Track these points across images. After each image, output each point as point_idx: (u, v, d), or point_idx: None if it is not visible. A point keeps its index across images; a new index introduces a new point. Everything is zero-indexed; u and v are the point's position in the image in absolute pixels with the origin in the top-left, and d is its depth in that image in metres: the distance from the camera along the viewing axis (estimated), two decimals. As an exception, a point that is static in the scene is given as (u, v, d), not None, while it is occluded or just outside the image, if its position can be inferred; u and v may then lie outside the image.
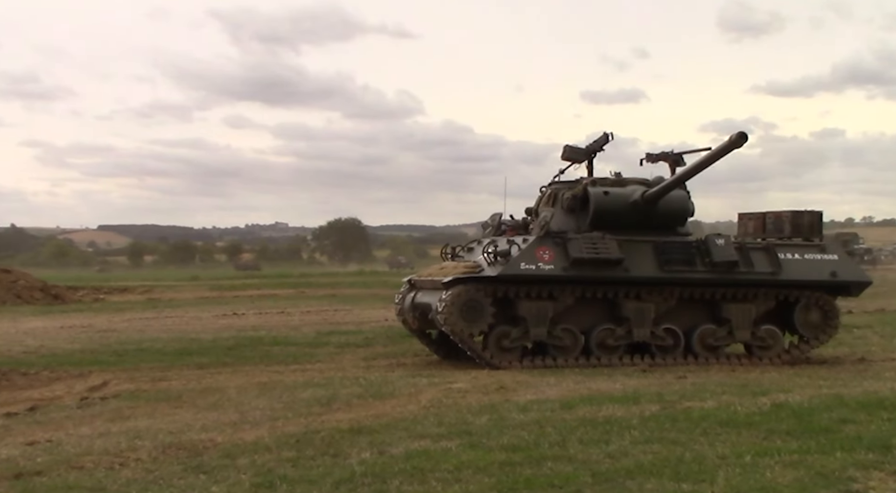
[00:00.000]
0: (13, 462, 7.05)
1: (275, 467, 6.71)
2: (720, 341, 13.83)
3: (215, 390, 11.12)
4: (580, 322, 13.40)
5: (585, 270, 13.03)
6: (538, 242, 13.05)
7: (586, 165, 14.66)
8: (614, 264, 13.09)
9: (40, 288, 35.35)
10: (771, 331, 14.04)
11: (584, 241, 13.06)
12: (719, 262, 13.40)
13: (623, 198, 13.62)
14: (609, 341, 13.37)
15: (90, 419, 9.40)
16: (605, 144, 14.45)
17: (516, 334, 13.14)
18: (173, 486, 6.17)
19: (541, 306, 13.09)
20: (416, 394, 10.50)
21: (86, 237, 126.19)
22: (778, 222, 14.42)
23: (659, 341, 13.53)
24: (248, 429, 8.38)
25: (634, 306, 13.39)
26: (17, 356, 15.26)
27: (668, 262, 13.33)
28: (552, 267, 12.91)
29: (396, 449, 7.22)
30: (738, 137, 12.32)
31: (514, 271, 12.82)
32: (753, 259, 13.69)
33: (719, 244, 13.48)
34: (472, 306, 12.86)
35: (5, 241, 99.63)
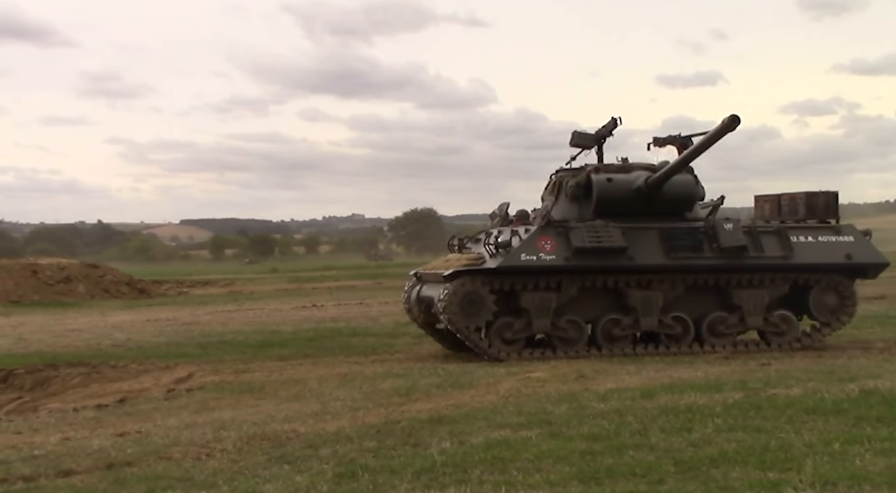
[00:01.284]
0: (105, 453, 7.25)
1: (356, 457, 6.77)
2: (731, 328, 13.49)
3: (297, 382, 11.28)
4: (585, 313, 13.14)
5: (588, 259, 12.73)
6: (539, 232, 12.78)
7: (596, 151, 14.25)
8: (618, 253, 12.78)
9: (126, 282, 36.33)
10: (785, 317, 13.67)
11: (586, 229, 12.76)
12: (727, 247, 13.03)
13: (627, 184, 13.26)
14: (615, 332, 13.10)
15: (177, 410, 9.64)
16: (613, 129, 14.10)
17: (519, 326, 12.90)
18: (258, 476, 6.28)
19: (543, 297, 12.82)
20: (495, 384, 10.49)
21: (168, 232, 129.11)
22: (793, 204, 14.02)
23: (668, 330, 13.23)
24: (330, 420, 8.48)
25: (641, 295, 13.09)
26: (106, 350, 15.70)
27: (675, 248, 13.00)
28: (554, 257, 12.63)
29: (476, 439, 7.22)
30: (731, 120, 12.05)
31: (514, 262, 12.56)
32: (764, 243, 13.30)
33: (727, 229, 13.10)
34: (472, 299, 12.61)
35: (93, 237, 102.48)
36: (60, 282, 33.53)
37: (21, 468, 6.77)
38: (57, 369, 13.76)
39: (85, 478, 6.42)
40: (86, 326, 20.83)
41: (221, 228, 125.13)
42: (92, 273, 35.66)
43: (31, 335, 18.56)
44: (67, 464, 6.84)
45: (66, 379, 13.30)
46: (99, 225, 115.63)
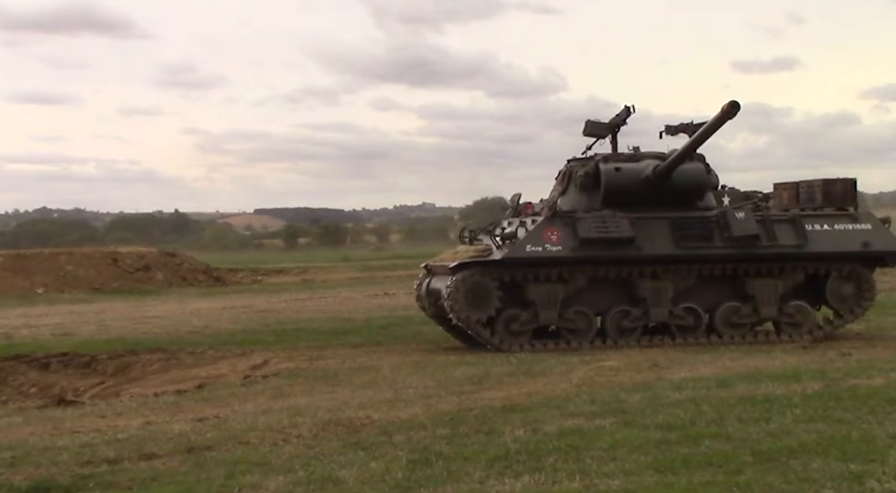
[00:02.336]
0: (185, 437, 7.42)
1: (430, 444, 6.81)
2: (744, 318, 13.16)
3: (370, 369, 11.39)
4: (594, 304, 12.93)
5: (595, 250, 12.53)
6: (546, 222, 12.59)
7: (610, 140, 13.97)
8: (626, 243, 12.56)
9: (203, 270, 37.06)
10: (800, 307, 13.30)
11: (593, 220, 12.55)
12: (739, 236, 12.71)
13: (635, 174, 12.98)
14: (625, 323, 12.89)
15: (253, 396, 9.81)
16: (627, 118, 13.80)
17: (525, 318, 12.72)
18: (334, 461, 6.35)
19: (550, 289, 12.64)
20: (568, 372, 10.46)
21: (243, 221, 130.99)
22: (810, 192, 13.64)
23: (679, 321, 12.96)
24: (403, 407, 8.54)
25: (650, 286, 12.84)
26: (184, 336, 16.05)
27: (685, 238, 12.73)
28: (560, 248, 12.45)
29: (549, 427, 7.21)
30: (730, 106, 11.80)
31: (518, 254, 12.41)
32: (777, 232, 12.96)
33: (739, 218, 12.78)
34: (477, 292, 12.46)
35: (170, 225, 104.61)
36: (140, 270, 34.34)
37: (105, 450, 6.96)
38: (138, 355, 14.11)
39: (166, 461, 6.58)
40: (164, 313, 21.33)
41: (294, 217, 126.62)
42: (170, 261, 36.44)
43: (113, 322, 19.06)
44: (149, 448, 7.01)
45: (146, 365, 13.63)
46: (176, 214, 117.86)
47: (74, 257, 34.25)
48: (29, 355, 14.45)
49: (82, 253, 35.27)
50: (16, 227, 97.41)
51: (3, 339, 16.45)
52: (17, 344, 15.58)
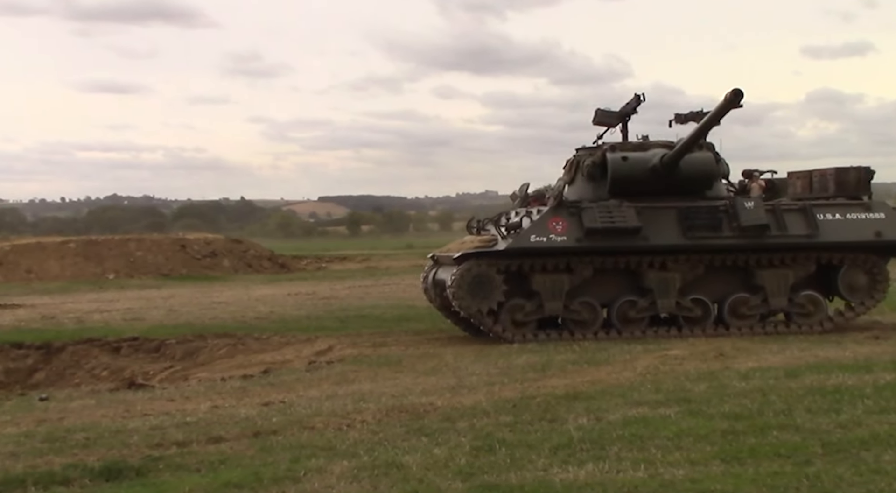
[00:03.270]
0: (251, 422, 7.53)
1: (493, 431, 6.82)
2: (754, 310, 12.90)
3: (433, 356, 11.43)
4: (600, 295, 12.75)
5: (601, 240, 12.34)
6: (551, 212, 12.41)
7: (620, 129, 13.76)
8: (632, 233, 12.35)
9: (268, 257, 37.49)
10: (811, 297, 13.04)
11: (599, 210, 12.36)
12: (748, 226, 12.48)
13: (642, 163, 12.78)
14: (631, 314, 12.68)
15: (318, 382, 9.91)
16: (637, 107, 13.57)
17: (530, 308, 12.55)
18: (397, 447, 6.40)
19: (555, 279, 12.46)
20: (632, 361, 10.38)
21: (307, 209, 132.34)
22: (823, 181, 13.36)
23: (686, 312, 12.74)
24: (466, 393, 8.56)
25: (657, 277, 12.63)
26: (250, 322, 16.27)
27: (692, 228, 12.49)
28: (565, 239, 12.28)
29: (613, 416, 7.17)
30: (733, 94, 11.63)
31: (522, 244, 12.26)
32: (787, 222, 12.69)
33: (748, 207, 12.56)
34: (481, 282, 12.31)
35: (235, 213, 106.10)
36: (207, 256, 34.87)
37: (174, 433, 7.10)
38: (205, 340, 14.35)
39: (234, 445, 6.68)
40: (231, 299, 21.64)
41: (358, 204, 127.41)
42: (236, 248, 36.94)
43: (181, 308, 19.39)
44: (217, 431, 7.13)
45: (213, 350, 13.86)
46: (241, 201, 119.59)
47: (144, 243, 34.91)
48: (101, 340, 14.78)
49: (151, 240, 35.95)
50: (87, 214, 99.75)
51: (75, 323, 16.86)
52: (89, 328, 15.95)
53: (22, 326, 16.64)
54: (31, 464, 6.21)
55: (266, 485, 5.54)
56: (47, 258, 32.40)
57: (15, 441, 7.01)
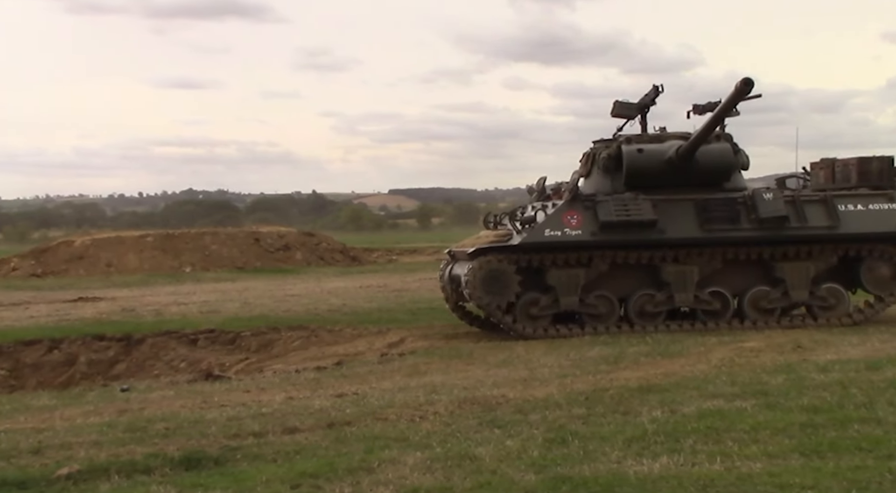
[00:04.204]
0: (325, 413, 7.62)
1: (566, 423, 6.80)
2: (774, 303, 12.58)
3: (504, 348, 11.43)
4: (617, 289, 12.52)
5: (616, 233, 12.15)
6: (566, 206, 12.22)
7: (639, 121, 13.47)
8: (648, 226, 12.13)
9: (340, 250, 37.82)
10: (833, 290, 12.69)
11: (614, 203, 12.15)
12: (766, 218, 12.18)
13: (658, 155, 12.52)
14: (648, 308, 12.44)
15: (390, 373, 9.99)
16: (656, 98, 13.27)
17: (545, 303, 12.37)
18: (470, 439, 6.42)
19: (571, 273, 12.28)
20: (706, 353, 10.24)
21: (378, 201, 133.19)
22: (845, 171, 12.96)
23: (704, 306, 12.48)
24: (538, 386, 8.54)
25: (674, 270, 12.40)
26: (323, 314, 16.45)
27: (710, 220, 12.23)
28: (579, 232, 12.10)
29: (688, 408, 7.09)
30: (743, 84, 11.39)
31: (537, 238, 12.10)
32: (807, 213, 12.36)
33: (766, 199, 12.25)
34: (495, 277, 12.14)
35: (307, 206, 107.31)
36: (280, 249, 35.32)
37: (251, 424, 7.23)
38: (279, 333, 14.57)
39: (308, 436, 6.78)
40: (303, 291, 21.89)
41: (428, 197, 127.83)
42: (308, 241, 37.33)
43: (255, 300, 19.69)
44: (292, 422, 7.24)
45: (287, 342, 14.07)
46: (313, 195, 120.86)
47: (219, 236, 35.49)
48: (178, 332, 15.10)
49: (226, 233, 36.53)
50: (164, 208, 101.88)
51: (154, 316, 17.24)
52: (167, 321, 16.30)
53: (103, 318, 17.08)
54: (113, 453, 6.38)
55: (341, 475, 5.60)
56: (126, 252, 33.17)
57: (98, 430, 7.22)
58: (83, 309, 18.90)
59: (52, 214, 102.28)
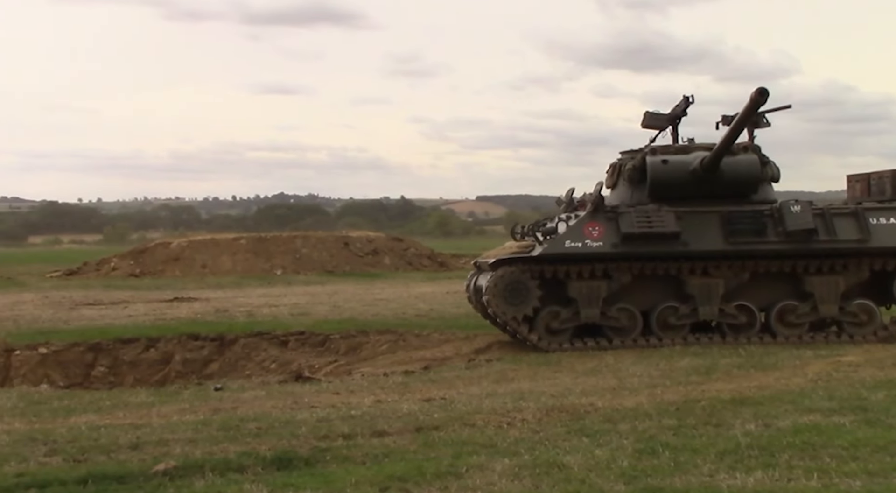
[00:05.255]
0: (413, 417, 7.66)
1: (656, 434, 6.71)
2: (802, 318, 12.14)
3: (592, 356, 11.34)
4: (639, 301, 12.23)
5: (637, 246, 11.87)
6: (588, 217, 11.98)
7: (671, 133, 13.20)
8: (670, 238, 11.84)
9: (427, 256, 38.03)
10: (864, 305, 12.24)
11: (636, 214, 11.89)
12: (794, 231, 11.79)
13: (683, 166, 12.25)
14: (671, 321, 12.10)
15: (477, 379, 9.99)
16: (686, 108, 12.99)
17: (566, 316, 12.11)
18: (558, 447, 6.38)
19: (592, 285, 12.03)
20: (802, 366, 10.00)
21: (465, 208, 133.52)
22: (880, 183, 12.53)
23: (730, 320, 12.10)
24: (627, 395, 8.45)
25: (699, 283, 12.08)
26: (410, 319, 16.55)
27: (735, 233, 11.89)
28: (600, 244, 11.84)
29: (783, 422, 6.93)
30: (758, 94, 11.08)
31: (557, 249, 11.88)
32: (837, 226, 11.94)
33: (794, 211, 11.87)
34: (515, 288, 11.96)
35: (396, 211, 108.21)
36: (369, 254, 35.70)
37: (340, 426, 7.31)
38: (367, 336, 14.71)
39: (397, 439, 6.82)
40: (392, 296, 22.07)
41: (516, 204, 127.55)
42: (397, 246, 37.65)
43: (344, 303, 19.93)
44: (381, 425, 7.30)
45: (375, 345, 14.20)
46: (402, 200, 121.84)
47: (309, 240, 36.05)
48: (269, 333, 15.38)
49: (316, 237, 37.07)
50: (256, 211, 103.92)
51: (246, 317, 17.59)
52: (258, 322, 16.62)
53: (198, 318, 17.50)
54: (208, 451, 6.53)
55: (429, 480, 5.63)
56: (220, 254, 33.96)
57: (193, 428, 7.39)
58: (179, 309, 19.41)
59: (150, 216, 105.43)
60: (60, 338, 15.16)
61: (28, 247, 76.88)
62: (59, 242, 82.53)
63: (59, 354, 14.60)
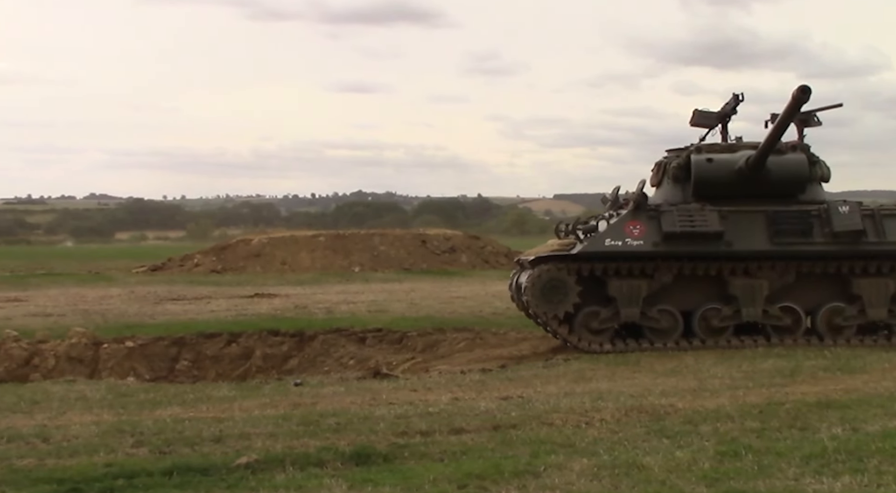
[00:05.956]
0: (490, 415, 7.66)
1: (738, 436, 6.60)
2: (850, 320, 11.74)
3: (672, 357, 11.19)
4: (681, 302, 11.92)
5: (679, 245, 11.57)
6: (629, 216, 11.70)
7: (720, 131, 12.87)
8: (713, 238, 11.54)
9: (504, 254, 37.90)
10: None
11: (678, 213, 11.58)
12: (841, 232, 11.41)
13: (728, 165, 11.94)
14: (714, 322, 11.77)
15: (555, 378, 9.95)
16: (736, 106, 12.67)
17: (605, 315, 11.82)
18: (637, 448, 6.31)
19: (632, 284, 11.74)
20: (891, 370, 9.74)
21: (542, 206, 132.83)
22: None
23: (774, 321, 11.74)
24: (708, 397, 8.31)
25: (742, 284, 11.76)
26: (487, 317, 16.55)
27: (780, 233, 11.53)
28: (641, 243, 11.54)
29: (871, 427, 6.75)
30: (800, 92, 10.79)
31: (596, 248, 11.62)
32: (886, 227, 11.53)
33: (842, 212, 11.55)
34: (553, 286, 11.73)
35: (472, 209, 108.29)
36: (446, 252, 35.78)
37: (418, 423, 7.35)
38: (444, 334, 14.76)
39: (474, 437, 6.83)
40: (468, 294, 22.06)
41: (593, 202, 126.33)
42: (474, 244, 37.66)
43: (421, 301, 20.01)
44: (458, 422, 7.31)
45: (452, 343, 14.23)
46: (479, 198, 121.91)
47: (387, 238, 36.30)
48: (348, 330, 15.54)
49: (394, 235, 37.30)
50: (335, 209, 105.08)
51: (325, 313, 17.80)
52: (337, 319, 16.79)
53: (278, 314, 17.76)
54: (288, 445, 6.63)
55: (507, 478, 5.62)
56: (300, 251, 34.39)
57: (274, 422, 7.51)
58: (259, 305, 19.72)
59: (232, 213, 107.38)
60: (146, 332, 15.56)
61: (115, 243, 79.16)
62: (144, 238, 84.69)
63: (145, 347, 14.99)
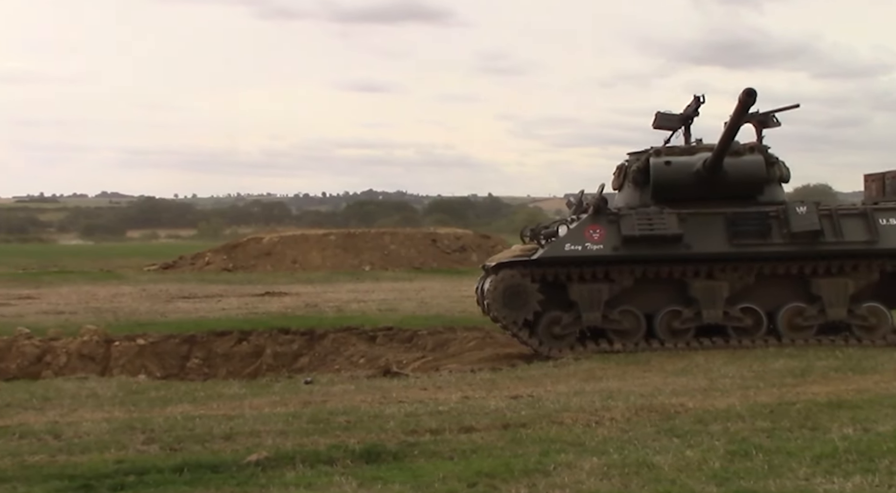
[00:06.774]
0: (500, 413, 7.67)
1: (749, 436, 6.58)
2: (810, 320, 11.71)
3: (682, 356, 11.18)
4: (642, 304, 11.90)
5: (639, 248, 11.55)
6: (589, 220, 11.68)
7: (683, 133, 12.85)
8: (672, 241, 11.51)
9: (515, 253, 37.95)
10: (874, 309, 11.82)
11: (638, 217, 11.56)
12: (799, 232, 11.37)
13: (686, 168, 11.95)
14: (675, 324, 11.74)
15: (565, 377, 9.95)
16: (698, 108, 12.64)
17: (568, 320, 11.78)
18: (648, 447, 6.31)
19: (593, 289, 11.71)
20: (903, 369, 9.68)
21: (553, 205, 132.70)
22: (894, 183, 12.08)
23: (735, 323, 11.71)
24: (719, 396, 8.30)
25: (703, 286, 11.75)
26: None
27: (739, 234, 11.49)
28: (601, 247, 11.53)
29: (883, 427, 6.72)
30: (745, 95, 10.90)
31: (556, 253, 11.59)
32: (844, 227, 11.53)
33: (799, 212, 11.52)
34: (515, 292, 11.68)
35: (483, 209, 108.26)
36: (456, 251, 35.82)
37: (428, 421, 7.36)
38: (455, 332, 14.75)
39: (484, 435, 6.84)
40: (479, 293, 22.04)
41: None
42: (484, 243, 37.66)
43: (432, 300, 20.03)
44: (468, 421, 7.32)
45: (462, 342, 14.22)
46: (489, 198, 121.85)
47: (397, 236, 36.37)
48: (358, 328, 15.55)
49: (404, 233, 37.38)
50: (345, 208, 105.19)
51: (335, 312, 17.83)
52: (347, 317, 16.82)
53: (288, 312, 17.81)
54: (298, 442, 6.65)
55: (517, 476, 5.62)
56: (310, 249, 34.49)
57: (284, 420, 7.53)
58: (270, 303, 19.77)
59: (243, 211, 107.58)
60: (157, 330, 15.61)
61: (126, 241, 79.49)
62: (155, 236, 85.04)
63: (156, 345, 15.03)
